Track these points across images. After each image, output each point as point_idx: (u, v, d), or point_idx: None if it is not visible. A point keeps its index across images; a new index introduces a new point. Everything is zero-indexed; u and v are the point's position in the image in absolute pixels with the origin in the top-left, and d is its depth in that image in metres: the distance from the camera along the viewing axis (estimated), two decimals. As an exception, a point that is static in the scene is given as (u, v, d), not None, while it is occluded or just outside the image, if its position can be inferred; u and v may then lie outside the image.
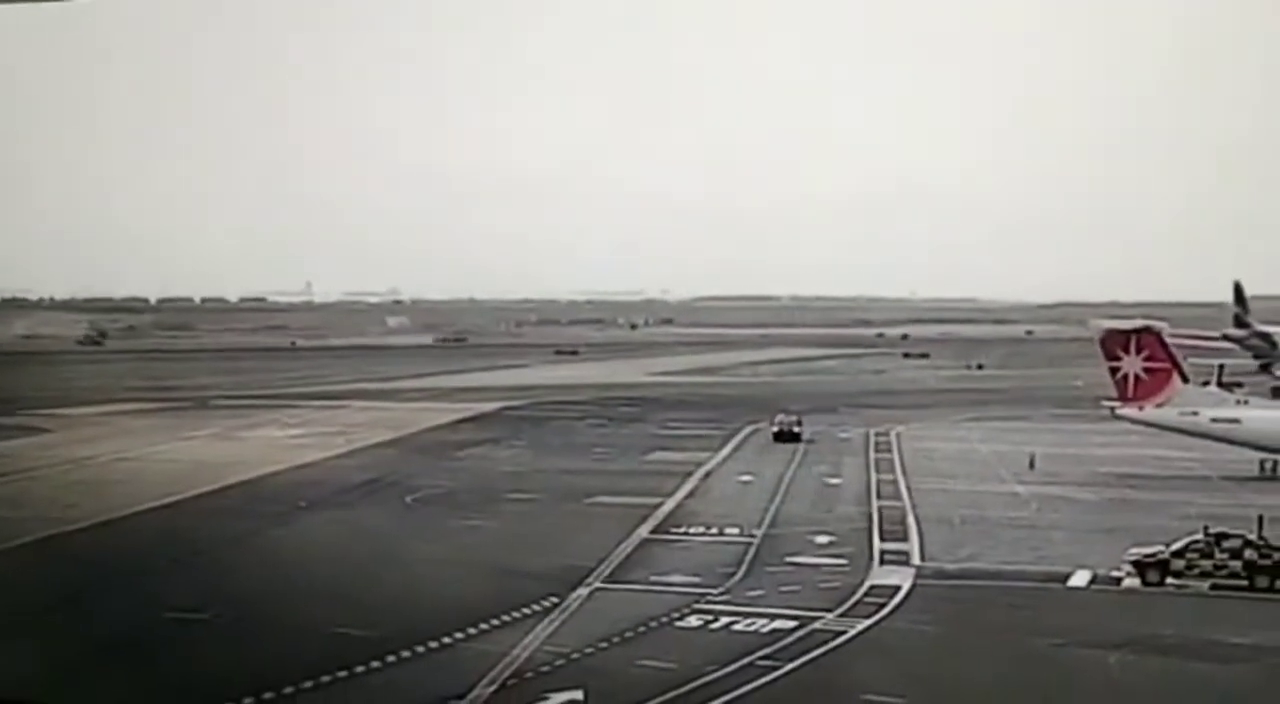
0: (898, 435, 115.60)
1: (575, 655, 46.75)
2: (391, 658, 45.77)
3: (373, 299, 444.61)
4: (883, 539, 68.87)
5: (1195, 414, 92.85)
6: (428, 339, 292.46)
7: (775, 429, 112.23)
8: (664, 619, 52.02)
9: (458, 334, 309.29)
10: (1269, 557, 57.68)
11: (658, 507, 78.89)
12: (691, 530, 72.00)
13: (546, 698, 42.10)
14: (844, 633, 49.95)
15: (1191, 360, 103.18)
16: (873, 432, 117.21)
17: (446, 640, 48.17)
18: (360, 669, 44.45)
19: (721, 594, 56.56)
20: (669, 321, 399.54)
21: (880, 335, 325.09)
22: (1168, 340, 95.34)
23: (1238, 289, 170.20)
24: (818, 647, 48.04)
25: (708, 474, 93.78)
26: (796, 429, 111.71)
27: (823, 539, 68.78)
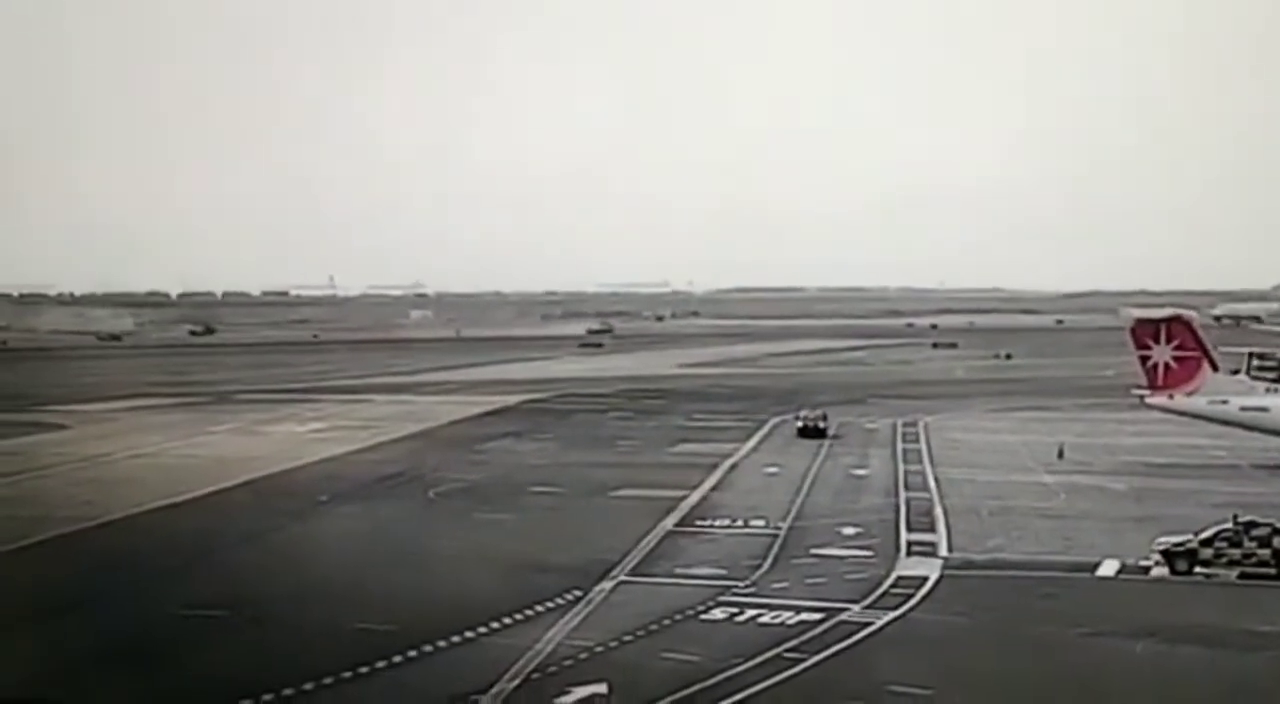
0: (925, 426, 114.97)
1: (599, 649, 46.35)
2: (414, 653, 45.39)
3: (396, 293, 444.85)
4: (910, 530, 68.32)
5: (1225, 402, 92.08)
6: (444, 331, 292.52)
7: (799, 425, 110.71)
8: (689, 612, 51.55)
9: (604, 323, 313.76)
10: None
11: (683, 499, 78.44)
12: (717, 523, 71.48)
13: (570, 692, 41.69)
14: (871, 625, 49.49)
15: None
16: (900, 423, 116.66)
17: (470, 635, 47.77)
18: (382, 665, 44.10)
19: (747, 587, 56.13)
20: (695, 313, 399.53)
21: (909, 325, 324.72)
22: (1198, 328, 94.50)
23: None
24: (844, 639, 47.55)
25: (734, 466, 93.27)
26: (822, 424, 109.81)
27: (849, 531, 68.28)
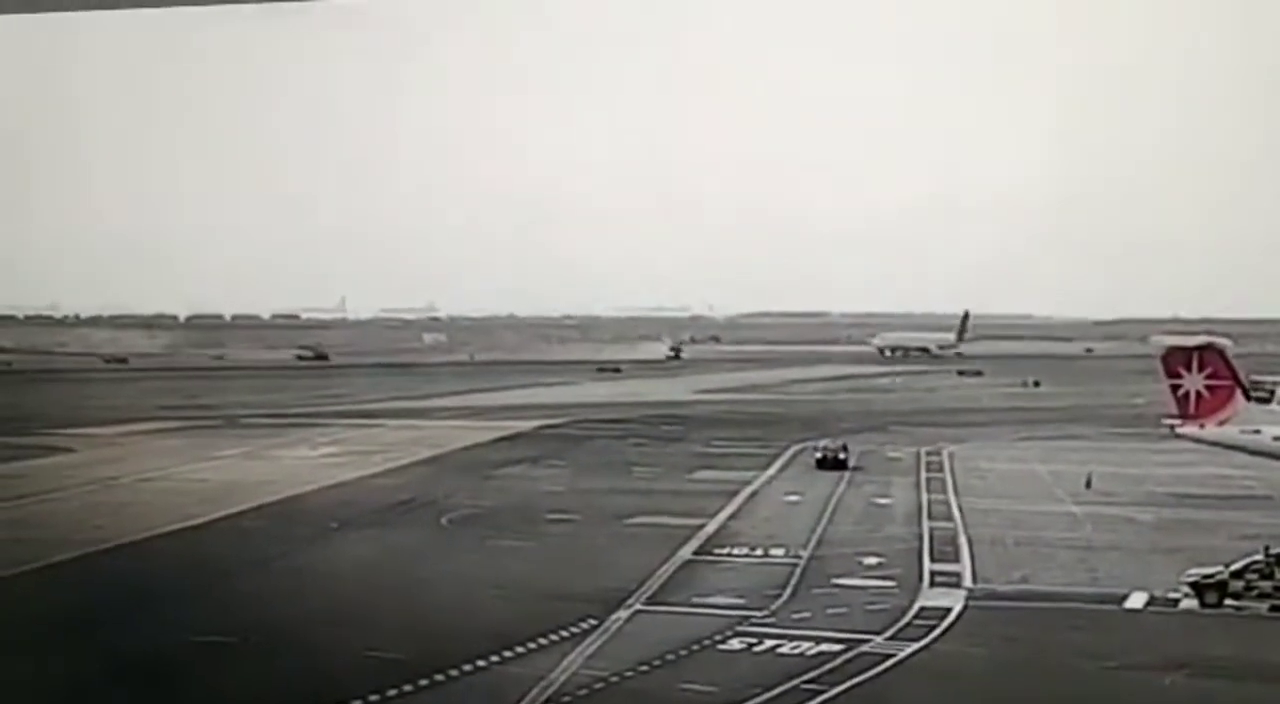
0: (950, 455, 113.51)
1: (614, 679, 45.50)
2: (425, 681, 44.62)
3: (409, 316, 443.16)
4: (933, 560, 67.24)
5: (1257, 432, 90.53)
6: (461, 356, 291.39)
7: (818, 455, 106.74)
8: (706, 642, 50.64)
9: (676, 348, 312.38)
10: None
11: (701, 527, 77.30)
12: (736, 551, 70.43)
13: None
14: (892, 656, 48.49)
15: None
16: (924, 451, 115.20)
17: (482, 664, 46.99)
18: (393, 693, 43.36)
19: (766, 616, 55.13)
20: (715, 338, 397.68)
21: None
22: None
23: None
24: (865, 670, 46.61)
25: (753, 494, 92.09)
26: (842, 455, 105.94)
27: (871, 560, 67.17)
